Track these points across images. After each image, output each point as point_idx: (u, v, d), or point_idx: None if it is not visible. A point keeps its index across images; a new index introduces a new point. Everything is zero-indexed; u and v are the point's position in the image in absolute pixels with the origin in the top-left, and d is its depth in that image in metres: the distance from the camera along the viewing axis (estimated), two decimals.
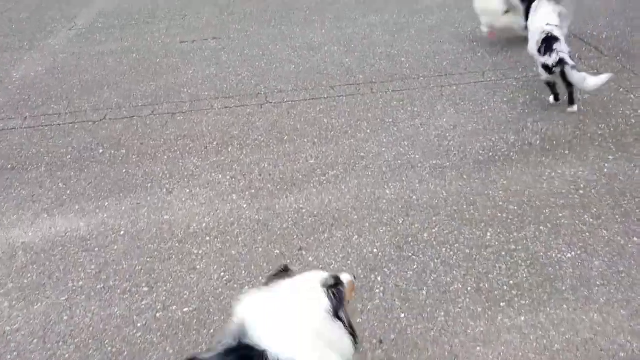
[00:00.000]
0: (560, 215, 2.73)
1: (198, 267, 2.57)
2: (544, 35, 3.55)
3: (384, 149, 3.40)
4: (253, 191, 3.10)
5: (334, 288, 1.63)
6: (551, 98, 3.72)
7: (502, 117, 3.64)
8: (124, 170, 3.38)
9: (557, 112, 3.63)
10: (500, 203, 2.85)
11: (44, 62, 5.11)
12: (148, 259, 2.64)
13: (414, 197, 2.95)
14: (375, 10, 5.81)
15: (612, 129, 3.40)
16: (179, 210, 2.98)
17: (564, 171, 3.05)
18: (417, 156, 3.29)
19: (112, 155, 3.54)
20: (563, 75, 3.43)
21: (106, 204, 3.08)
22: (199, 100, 4.18)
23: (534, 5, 3.82)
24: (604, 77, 3.34)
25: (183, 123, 3.88)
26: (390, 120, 3.72)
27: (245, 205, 2.98)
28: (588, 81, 3.33)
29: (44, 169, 3.44)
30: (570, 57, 3.43)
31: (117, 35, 5.69)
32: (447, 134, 3.50)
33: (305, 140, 3.57)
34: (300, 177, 3.20)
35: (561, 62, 3.38)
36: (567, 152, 3.22)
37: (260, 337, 1.45)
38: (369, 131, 3.61)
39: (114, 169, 3.40)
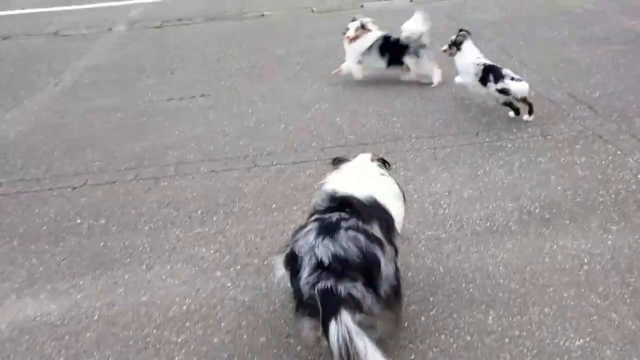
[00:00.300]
0: (565, 294, 2.56)
1: (176, 358, 2.36)
2: (481, 67, 4.30)
3: None
4: (238, 267, 2.91)
5: (379, 160, 2.68)
6: (511, 113, 4.29)
7: (498, 182, 3.51)
8: (102, 243, 3.19)
9: (555, 176, 3.51)
10: (501, 280, 2.68)
11: (27, 120, 4.98)
12: (122, 349, 2.43)
13: (410, 273, 2.78)
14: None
15: (612, 196, 3.27)
16: (159, 289, 2.79)
17: (565, 243, 2.90)
18: (412, 226, 3.14)
19: (90, 226, 3.36)
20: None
21: (81, 282, 2.88)
22: (185, 164, 4.04)
23: (464, 45, 4.55)
24: None
25: (167, 189, 3.72)
26: None
27: (229, 284, 2.79)
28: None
29: (16, 242, 3.25)
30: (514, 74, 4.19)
31: (104, 91, 5.58)
32: (442, 201, 3.36)
33: (295, 208, 3.41)
34: None
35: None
36: (567, 221, 3.07)
37: (341, 189, 2.32)
38: None
39: (91, 241, 3.22)
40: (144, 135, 4.53)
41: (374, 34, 5.13)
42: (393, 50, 5.06)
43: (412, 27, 5.02)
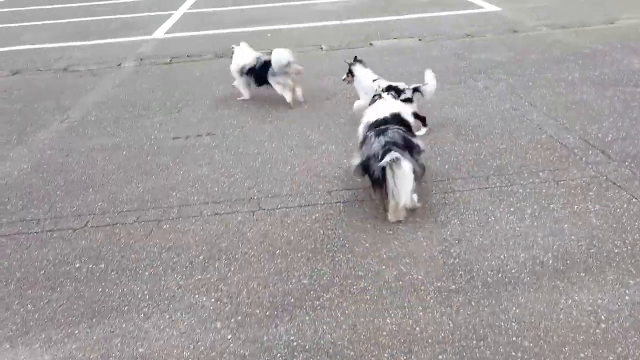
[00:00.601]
0: (582, 355, 2.43)
1: None
2: (381, 86, 4.75)
3: (384, 267, 3.13)
4: (240, 318, 2.81)
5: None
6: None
7: (509, 230, 3.40)
8: (101, 290, 3.10)
9: (569, 225, 3.40)
10: (514, 338, 2.55)
11: (31, 158, 4.94)
12: None
13: (418, 328, 2.66)
14: None
15: (629, 247, 3.16)
16: (156, 341, 2.68)
17: (581, 298, 2.77)
18: (421, 277, 3.03)
19: (89, 271, 3.27)
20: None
21: (76, 332, 2.78)
22: (188, 206, 3.96)
23: (356, 71, 5.24)
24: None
25: (169, 233, 3.64)
26: (391, 232, 3.48)
27: (230, 337, 2.68)
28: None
29: (13, 287, 3.17)
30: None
31: (109, 129, 5.55)
32: (452, 250, 3.25)
33: (299, 255, 3.31)
34: (293, 300, 2.92)
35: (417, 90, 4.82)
36: (583, 274, 2.95)
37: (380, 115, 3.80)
38: (367, 245, 3.36)
39: (89, 287, 3.12)
40: (148, 176, 4.46)
41: (253, 55, 6.03)
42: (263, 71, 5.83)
43: (281, 56, 5.77)
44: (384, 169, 3.31)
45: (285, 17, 10.92)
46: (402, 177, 3.32)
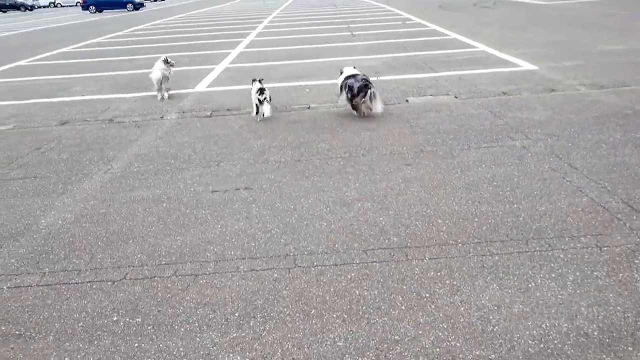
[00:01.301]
0: None
1: None
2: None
3: (420, 332, 3.08)
4: None
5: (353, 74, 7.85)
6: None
7: (551, 297, 3.32)
8: (136, 345, 3.11)
9: (614, 294, 3.30)
10: None
11: (74, 208, 5.07)
12: None
13: None
14: (409, 163, 5.73)
15: None
16: None
17: None
18: (458, 344, 2.96)
19: (126, 325, 3.30)
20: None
21: None
22: (225, 261, 3.99)
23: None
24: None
25: (205, 288, 3.66)
26: (427, 295, 3.43)
27: None
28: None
29: (51, 339, 3.21)
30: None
31: (150, 181, 5.68)
32: (491, 316, 3.18)
33: (334, 315, 3.28)
34: None
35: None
36: (630, 348, 2.85)
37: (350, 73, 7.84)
38: (403, 308, 3.32)
39: (125, 342, 3.14)
40: (186, 229, 4.53)
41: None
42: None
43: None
44: (368, 93, 7.37)
45: (323, 72, 11.16)
46: (376, 98, 7.37)
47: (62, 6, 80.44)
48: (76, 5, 71.28)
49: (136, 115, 8.55)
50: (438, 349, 2.93)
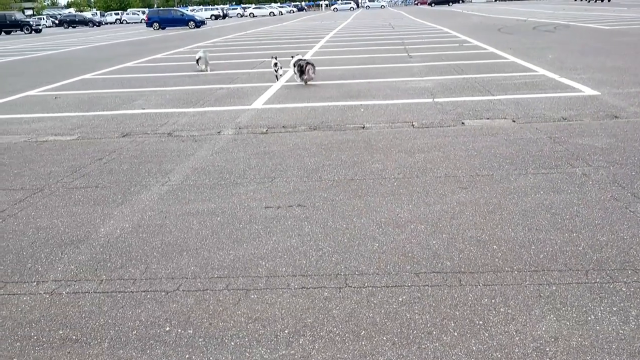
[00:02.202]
0: None
1: None
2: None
3: None
4: None
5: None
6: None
7: (612, 332, 3.18)
8: (187, 356, 3.16)
9: None
10: None
11: (132, 218, 5.22)
12: None
13: None
14: (464, 187, 5.64)
15: None
16: None
17: None
18: None
19: (177, 336, 3.35)
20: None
21: None
22: (276, 277, 4.01)
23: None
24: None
25: (256, 303, 3.68)
26: (481, 322, 3.35)
27: None
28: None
29: (106, 346, 3.29)
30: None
31: (205, 194, 5.80)
32: (548, 348, 3.07)
33: (385, 338, 3.24)
34: None
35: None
36: None
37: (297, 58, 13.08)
38: (456, 334, 3.25)
39: (177, 353, 3.19)
40: (239, 243, 4.59)
41: None
42: None
43: None
44: (309, 67, 12.22)
45: (379, 93, 11.18)
46: (314, 70, 12.35)
47: (127, 23, 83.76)
48: (141, 22, 74.03)
49: (194, 130, 8.77)
50: None
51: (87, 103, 11.79)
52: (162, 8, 61.62)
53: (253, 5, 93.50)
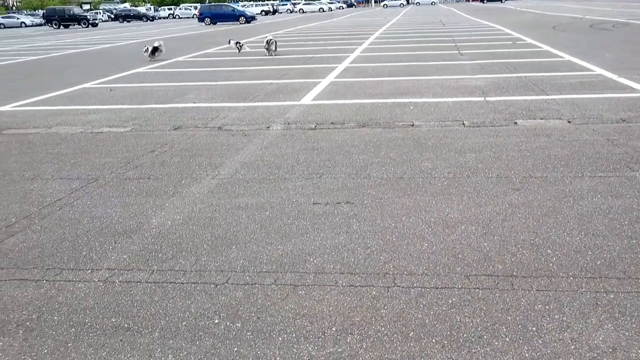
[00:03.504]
0: None
1: None
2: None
3: None
4: None
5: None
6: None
7: None
8: (235, 349, 3.18)
9: None
10: None
11: (183, 210, 5.30)
12: None
13: None
14: (517, 188, 5.50)
15: None
16: None
17: None
18: None
19: (226, 328, 3.38)
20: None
21: None
22: (324, 274, 4.00)
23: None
24: None
25: (304, 299, 3.68)
26: (534, 328, 3.25)
27: None
28: None
29: (157, 335, 3.35)
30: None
31: (254, 189, 5.83)
32: (605, 359, 2.95)
33: (434, 340, 3.19)
34: None
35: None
36: None
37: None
38: (507, 339, 3.17)
39: (225, 345, 3.22)
40: (287, 239, 4.60)
41: None
42: None
43: None
44: (273, 42, 18.74)
45: (429, 91, 11.04)
46: (276, 45, 19.06)
47: (179, 18, 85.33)
48: (193, 17, 75.33)
49: (244, 125, 8.85)
50: None
51: (140, 96, 12.06)
52: (213, 3, 62.42)
53: (303, 1, 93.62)
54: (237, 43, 20.41)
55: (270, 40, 19.24)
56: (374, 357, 3.07)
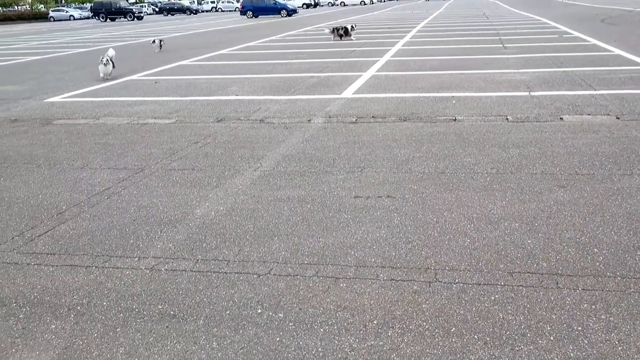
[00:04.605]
0: None
1: None
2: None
3: None
4: None
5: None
6: None
7: None
8: (278, 339, 3.23)
9: None
10: None
11: (226, 201, 5.38)
12: None
13: None
14: (563, 185, 5.39)
15: None
16: None
17: None
18: None
19: (269, 318, 3.44)
20: None
21: None
22: (365, 267, 4.02)
23: None
24: None
25: (345, 292, 3.71)
26: (580, 328, 3.20)
27: None
28: None
29: (201, 323, 3.43)
30: None
31: (296, 181, 5.88)
32: None
33: (476, 337, 3.17)
34: None
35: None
36: None
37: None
38: (552, 338, 3.13)
39: (268, 335, 3.28)
40: (328, 231, 4.63)
41: None
42: None
43: None
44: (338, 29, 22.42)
45: (471, 85, 10.89)
46: (351, 28, 22.08)
47: (222, 11, 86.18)
48: (235, 10, 75.96)
49: (285, 117, 8.91)
50: None
51: (184, 88, 12.26)
52: None
53: None
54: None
55: (338, 27, 21.81)
56: (416, 351, 3.08)
